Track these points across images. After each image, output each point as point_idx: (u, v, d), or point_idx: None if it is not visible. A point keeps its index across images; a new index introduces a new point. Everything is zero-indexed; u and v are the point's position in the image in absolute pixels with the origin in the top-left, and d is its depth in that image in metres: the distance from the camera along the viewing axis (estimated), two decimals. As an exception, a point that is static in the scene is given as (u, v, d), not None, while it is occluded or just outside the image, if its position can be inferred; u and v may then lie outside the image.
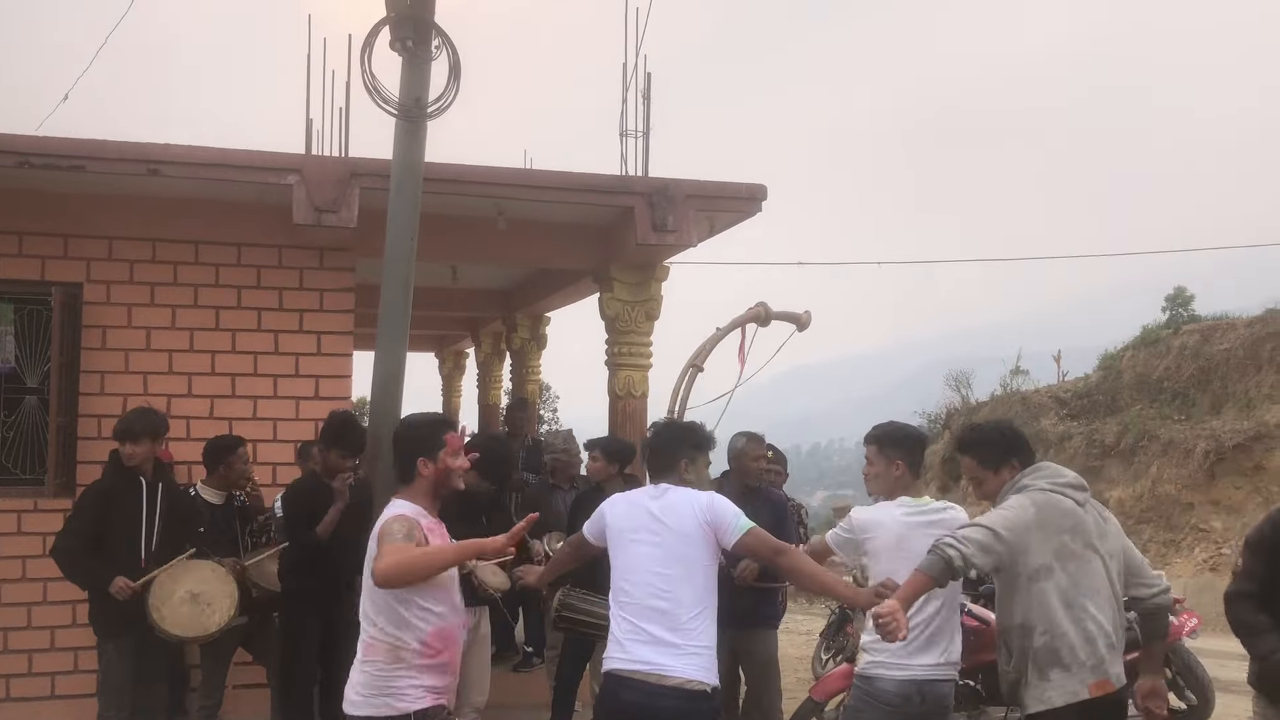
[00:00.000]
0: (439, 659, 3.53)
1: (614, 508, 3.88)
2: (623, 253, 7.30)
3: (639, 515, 3.78)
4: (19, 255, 6.53)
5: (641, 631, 3.62)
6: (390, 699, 3.45)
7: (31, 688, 6.35)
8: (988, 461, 3.98)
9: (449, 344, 15.61)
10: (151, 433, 5.23)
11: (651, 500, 3.81)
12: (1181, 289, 22.35)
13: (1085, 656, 3.65)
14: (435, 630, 3.49)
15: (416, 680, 3.47)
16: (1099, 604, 3.71)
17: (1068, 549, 3.71)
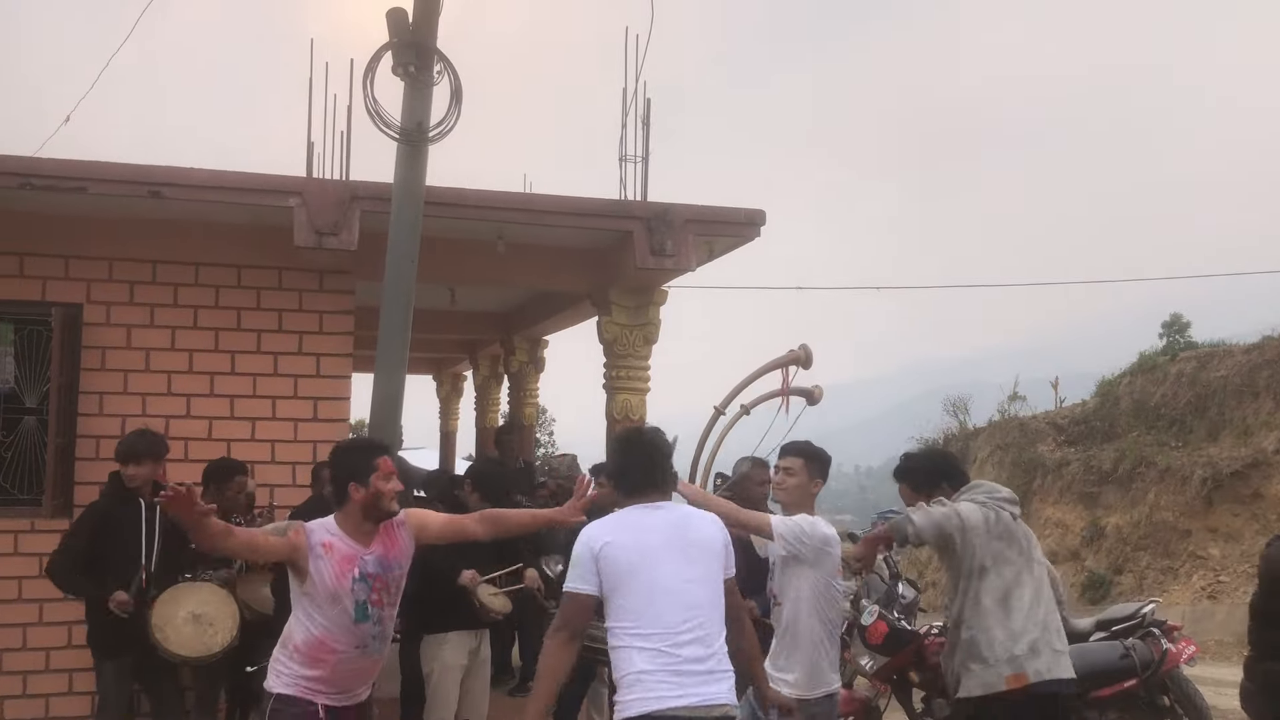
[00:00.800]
0: (314, 670, 3.74)
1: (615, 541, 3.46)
2: (621, 277, 7.33)
3: (656, 537, 3.49)
4: (20, 276, 6.56)
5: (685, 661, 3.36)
6: (273, 677, 3.80)
7: (26, 709, 6.32)
8: (920, 487, 4.41)
9: (447, 366, 15.63)
10: (153, 454, 5.25)
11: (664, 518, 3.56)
12: (1178, 315, 22.39)
13: (1002, 652, 4.02)
14: (307, 639, 3.73)
15: (287, 670, 3.78)
16: (1028, 606, 4.08)
17: (1003, 555, 4.12)
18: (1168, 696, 6.18)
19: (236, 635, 5.18)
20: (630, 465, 3.65)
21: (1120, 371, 20.40)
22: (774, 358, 6.97)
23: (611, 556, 3.40)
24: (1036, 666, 4.03)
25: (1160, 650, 5.87)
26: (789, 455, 4.38)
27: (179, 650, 5.01)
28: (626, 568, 3.40)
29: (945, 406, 24.35)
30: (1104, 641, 6.07)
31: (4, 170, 6.01)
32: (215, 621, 5.12)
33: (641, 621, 3.36)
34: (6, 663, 6.33)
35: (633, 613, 3.38)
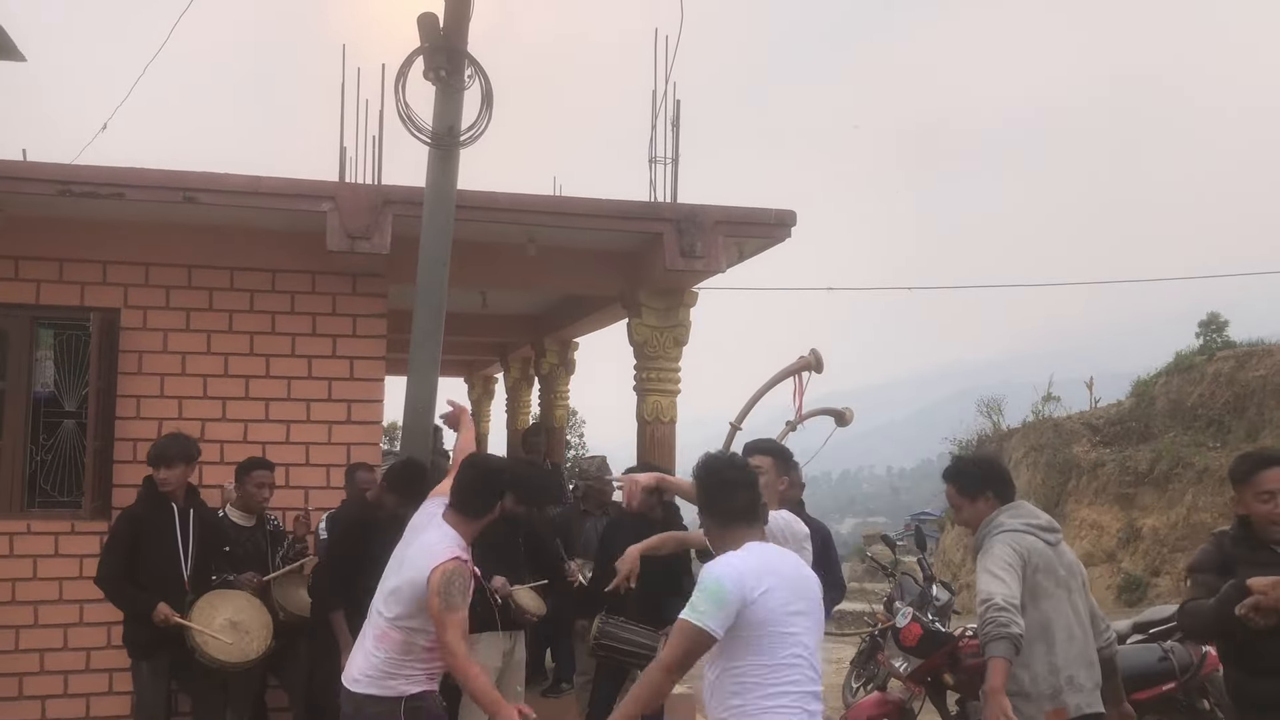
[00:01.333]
0: (436, 664, 4.04)
1: (764, 584, 3.11)
2: (651, 279, 7.34)
3: (791, 584, 3.21)
4: (59, 281, 6.65)
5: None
6: (398, 683, 3.97)
7: (67, 709, 6.41)
8: (966, 490, 4.29)
9: (478, 369, 15.70)
10: (185, 458, 5.31)
11: (787, 559, 3.32)
12: (1215, 315, 22.11)
13: (1045, 687, 3.96)
14: (432, 644, 3.98)
15: (420, 670, 4.02)
16: (1065, 638, 4.00)
17: (1041, 587, 4.02)
18: (1207, 700, 6.10)
19: (271, 642, 5.22)
20: (731, 493, 3.35)
21: (1156, 371, 20.18)
22: (785, 366, 6.67)
23: (770, 594, 3.10)
24: (1077, 701, 3.99)
25: (1199, 653, 5.79)
26: (757, 453, 4.29)
27: (218, 656, 5.07)
28: (773, 617, 3.11)
29: (979, 407, 24.20)
30: (1141, 644, 6.00)
31: (44, 178, 6.11)
32: (251, 629, 5.19)
33: (785, 677, 3.13)
34: (48, 662, 6.42)
35: (770, 667, 3.11)
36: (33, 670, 6.39)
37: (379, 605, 4.08)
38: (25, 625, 6.39)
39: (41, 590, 6.42)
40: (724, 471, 3.39)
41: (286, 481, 6.64)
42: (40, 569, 6.43)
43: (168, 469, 5.26)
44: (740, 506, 3.31)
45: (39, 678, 6.40)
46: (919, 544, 7.94)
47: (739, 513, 3.30)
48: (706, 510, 3.39)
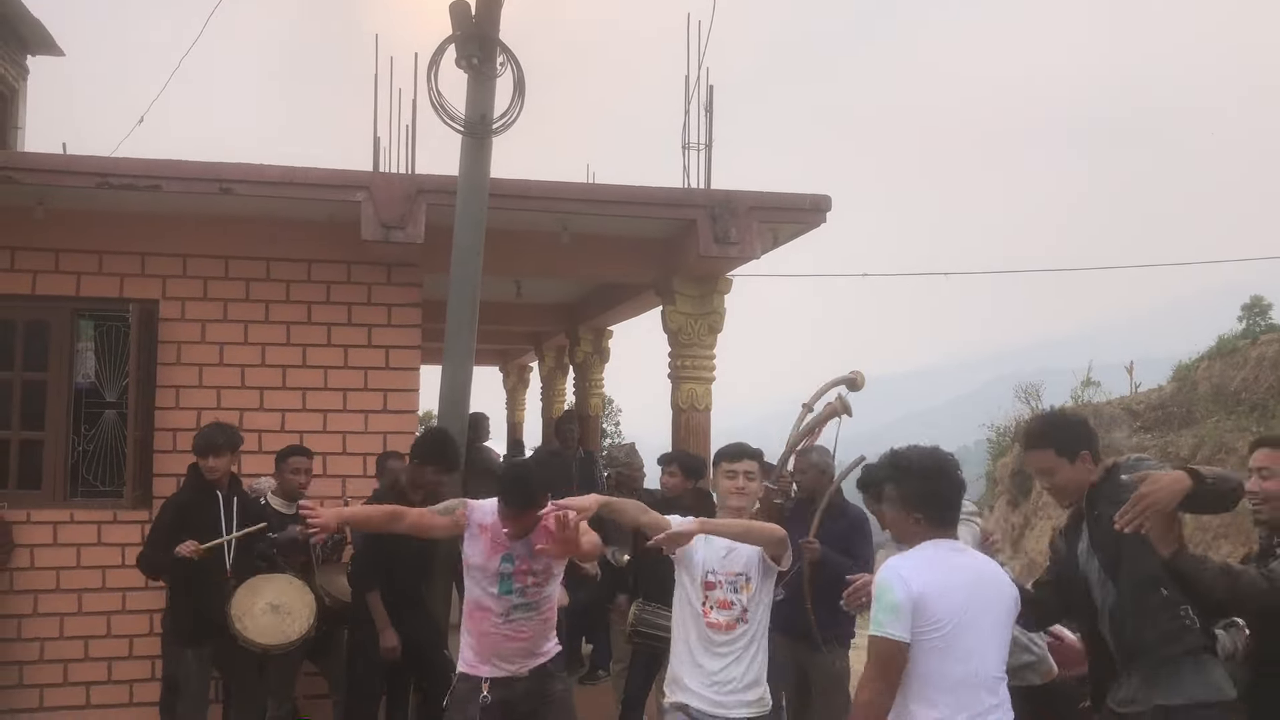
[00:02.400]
0: (472, 639, 4.29)
1: (945, 589, 3.04)
2: (685, 265, 7.31)
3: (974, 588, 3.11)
4: (99, 273, 6.72)
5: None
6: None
7: (111, 695, 6.51)
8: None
9: (513, 358, 15.76)
10: (231, 447, 5.39)
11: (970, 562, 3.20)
12: (1259, 298, 21.76)
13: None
14: (466, 604, 4.33)
15: (465, 645, 4.35)
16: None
17: None
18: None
19: (314, 624, 5.27)
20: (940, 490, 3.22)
21: (1198, 356, 19.89)
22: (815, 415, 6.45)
23: (930, 604, 3.02)
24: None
25: (1245, 639, 5.70)
26: (745, 459, 4.16)
27: (257, 638, 5.12)
28: (941, 622, 3.02)
29: (1017, 393, 23.94)
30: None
31: (83, 170, 6.17)
32: (293, 611, 5.23)
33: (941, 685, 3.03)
34: (93, 649, 6.51)
35: (937, 674, 3.03)
36: (77, 657, 6.49)
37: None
38: (69, 613, 6.49)
39: (85, 578, 6.52)
40: (937, 467, 3.25)
41: (324, 470, 6.69)
42: (83, 557, 6.52)
43: (216, 457, 5.33)
44: (945, 513, 3.24)
45: (83, 664, 6.49)
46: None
47: (943, 517, 3.23)
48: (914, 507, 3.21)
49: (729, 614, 3.89)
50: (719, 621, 3.88)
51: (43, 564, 6.47)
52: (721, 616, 3.88)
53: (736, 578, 3.93)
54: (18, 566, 6.43)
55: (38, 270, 6.64)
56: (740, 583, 3.92)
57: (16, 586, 6.43)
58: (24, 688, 6.41)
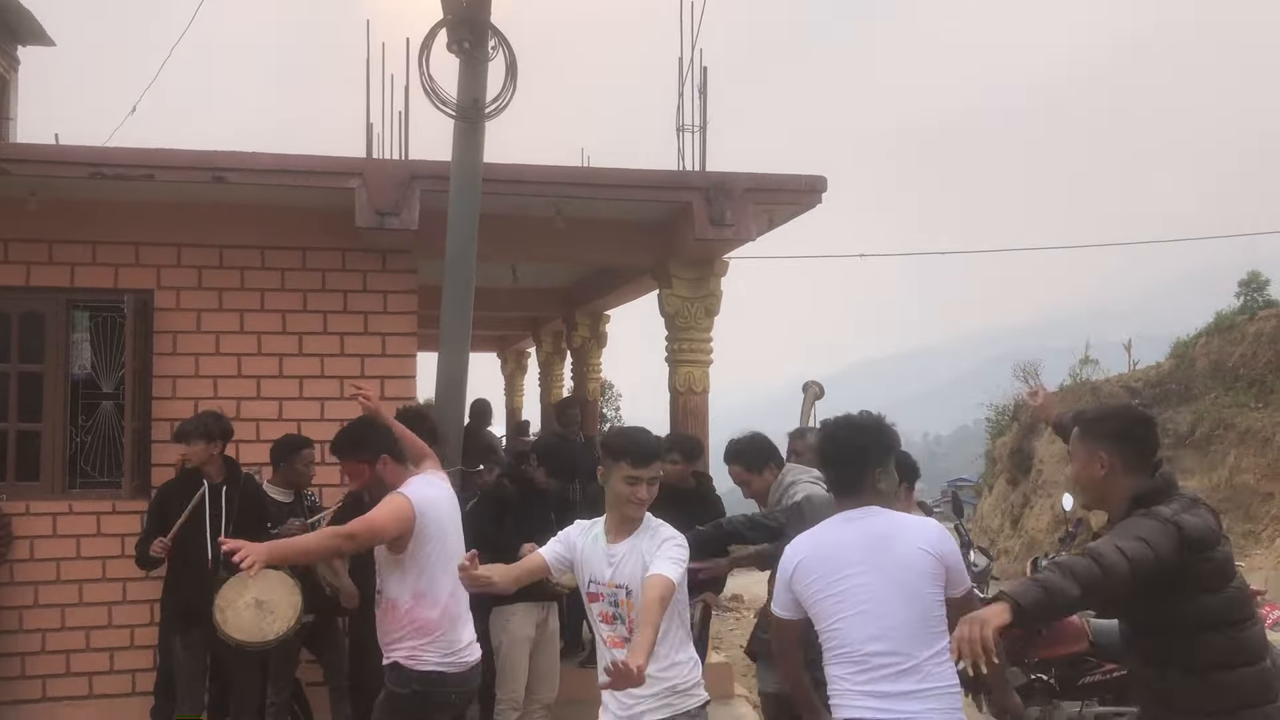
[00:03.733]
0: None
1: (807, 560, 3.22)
2: (681, 249, 7.30)
3: (852, 553, 3.17)
4: (93, 264, 6.70)
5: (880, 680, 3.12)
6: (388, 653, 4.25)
7: (113, 685, 6.52)
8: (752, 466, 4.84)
9: (510, 344, 15.74)
10: (203, 434, 5.34)
11: (863, 529, 3.21)
12: (1256, 274, 21.72)
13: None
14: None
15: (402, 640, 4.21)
16: None
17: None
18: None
19: (294, 626, 5.22)
20: (827, 460, 3.35)
21: (1196, 332, 19.89)
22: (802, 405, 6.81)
23: (802, 579, 3.21)
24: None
25: None
26: (655, 462, 4.15)
27: (234, 634, 5.07)
28: (818, 588, 3.17)
29: (1015, 372, 23.94)
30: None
31: (75, 160, 6.15)
32: (276, 610, 5.16)
33: (834, 641, 3.16)
34: (94, 640, 6.53)
35: (829, 633, 3.17)
36: (79, 647, 6.50)
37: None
38: (70, 604, 6.50)
39: (85, 569, 6.52)
40: (824, 438, 3.48)
41: (323, 459, 6.66)
42: (83, 548, 6.53)
43: (186, 446, 5.34)
44: (830, 479, 3.45)
45: (85, 654, 6.51)
46: (956, 510, 7.88)
47: (832, 485, 3.42)
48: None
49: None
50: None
51: (43, 555, 6.48)
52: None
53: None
54: (18, 558, 6.43)
55: (31, 261, 6.62)
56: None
57: (17, 578, 6.44)
58: (26, 679, 6.43)
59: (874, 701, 3.07)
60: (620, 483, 3.35)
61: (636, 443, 3.39)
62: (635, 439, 3.43)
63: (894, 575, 3.11)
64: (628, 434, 3.47)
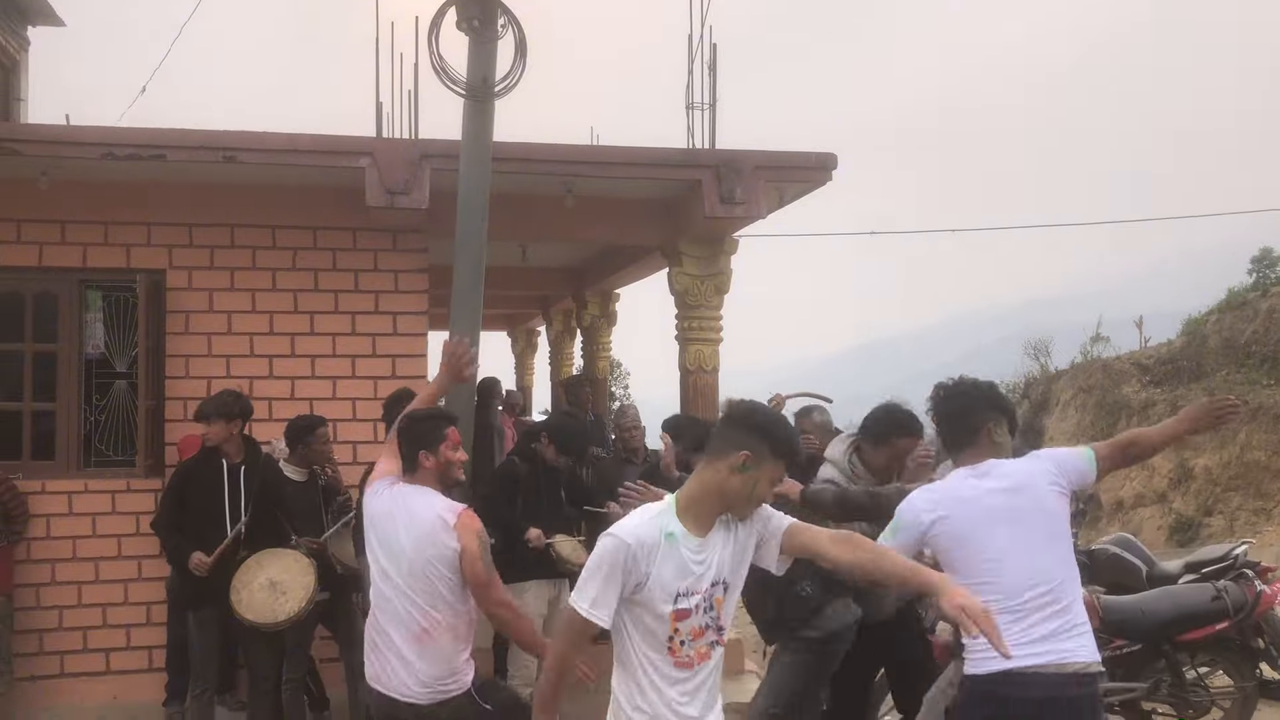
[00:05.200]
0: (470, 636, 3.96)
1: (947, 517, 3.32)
2: (691, 227, 7.29)
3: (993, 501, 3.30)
4: (105, 244, 6.73)
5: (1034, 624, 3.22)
6: (459, 677, 3.85)
7: (130, 661, 6.59)
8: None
9: (520, 322, 15.76)
10: (222, 413, 5.37)
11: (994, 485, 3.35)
12: (1268, 250, 21.63)
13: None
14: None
15: (467, 648, 3.92)
16: None
17: None
18: (1262, 639, 6.04)
19: (306, 608, 5.27)
20: (941, 419, 3.54)
21: (1208, 309, 19.81)
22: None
23: (945, 533, 3.29)
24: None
25: (1254, 592, 5.73)
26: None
27: (246, 614, 5.12)
28: (965, 543, 3.25)
29: (1026, 349, 23.91)
30: (1194, 584, 5.95)
31: (87, 141, 6.16)
32: (288, 591, 5.22)
33: (984, 597, 2.98)
34: (111, 617, 6.59)
35: (978, 588, 3.08)
36: (96, 624, 6.56)
37: (402, 608, 3.76)
38: (87, 581, 6.56)
39: (101, 547, 6.58)
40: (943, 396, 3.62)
41: (335, 437, 6.71)
42: (99, 526, 6.58)
43: (206, 425, 5.37)
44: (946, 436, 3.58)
45: (101, 631, 6.57)
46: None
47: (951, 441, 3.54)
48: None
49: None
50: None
51: (59, 533, 6.54)
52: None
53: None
54: (34, 536, 6.49)
55: (44, 242, 6.65)
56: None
57: (34, 556, 6.50)
58: (45, 654, 6.50)
59: (1034, 648, 3.15)
60: (767, 483, 2.83)
61: (796, 442, 2.93)
62: (795, 436, 2.94)
63: (1037, 521, 3.25)
64: (789, 428, 2.91)
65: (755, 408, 2.87)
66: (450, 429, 3.96)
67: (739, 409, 2.87)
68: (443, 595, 3.77)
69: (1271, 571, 6.23)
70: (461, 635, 3.85)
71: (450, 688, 3.81)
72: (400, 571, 3.77)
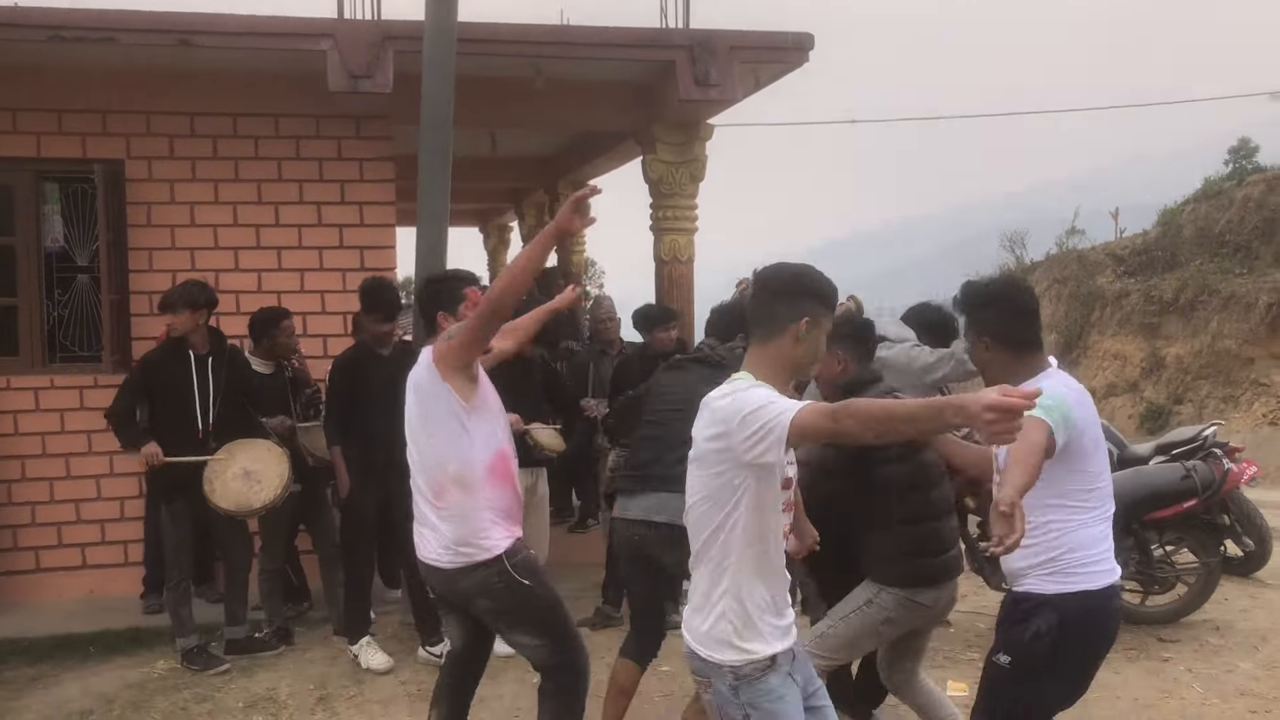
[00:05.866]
0: (500, 495, 3.44)
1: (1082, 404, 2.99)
2: (665, 112, 7.13)
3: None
4: (59, 133, 6.52)
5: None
6: (483, 540, 3.38)
7: (106, 555, 6.60)
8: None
9: (492, 217, 15.54)
10: (188, 303, 5.23)
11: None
12: (1246, 140, 21.51)
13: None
14: (491, 455, 3.43)
15: (492, 518, 3.41)
16: None
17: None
18: (1228, 515, 6.15)
19: (281, 495, 5.24)
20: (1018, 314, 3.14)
21: (1184, 199, 19.77)
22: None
23: (1080, 421, 2.93)
24: None
25: (1221, 470, 5.80)
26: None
27: (221, 503, 5.09)
28: (1089, 437, 2.97)
29: (1002, 242, 23.88)
30: (1164, 464, 6.01)
31: (31, 23, 5.92)
32: (263, 480, 5.18)
33: (1097, 498, 2.98)
34: (84, 512, 6.57)
35: (1091, 491, 2.97)
36: (69, 519, 6.55)
37: (420, 471, 3.50)
38: (58, 477, 6.52)
39: (70, 443, 6.52)
40: (1010, 293, 3.20)
41: (305, 330, 6.63)
42: (67, 422, 6.52)
43: (172, 315, 5.24)
44: (1024, 335, 3.11)
45: (76, 527, 6.56)
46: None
47: (1025, 341, 3.10)
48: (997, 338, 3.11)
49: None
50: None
51: (27, 429, 6.48)
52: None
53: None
54: (2, 433, 6.43)
55: (-5, 131, 6.44)
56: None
57: (3, 452, 6.44)
58: (19, 550, 6.49)
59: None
60: (823, 336, 2.62)
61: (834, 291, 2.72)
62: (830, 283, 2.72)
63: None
64: (824, 277, 2.70)
65: (797, 270, 2.65)
66: (470, 289, 3.71)
67: (780, 276, 2.64)
68: (445, 445, 3.39)
69: (1239, 451, 6.30)
70: (473, 487, 3.38)
71: (471, 552, 3.38)
72: (412, 434, 3.52)
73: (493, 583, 3.38)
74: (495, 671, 5.23)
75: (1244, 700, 4.69)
